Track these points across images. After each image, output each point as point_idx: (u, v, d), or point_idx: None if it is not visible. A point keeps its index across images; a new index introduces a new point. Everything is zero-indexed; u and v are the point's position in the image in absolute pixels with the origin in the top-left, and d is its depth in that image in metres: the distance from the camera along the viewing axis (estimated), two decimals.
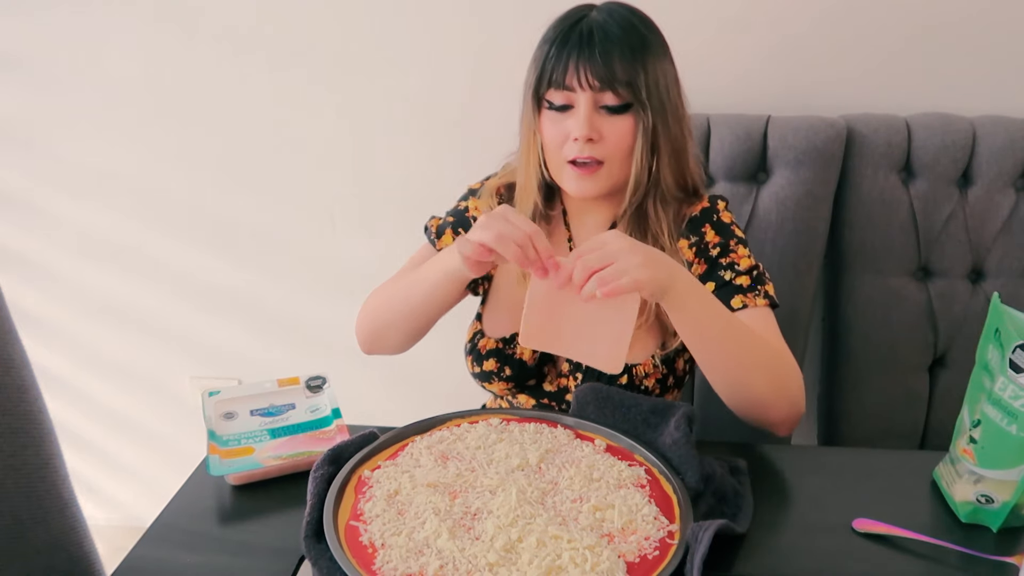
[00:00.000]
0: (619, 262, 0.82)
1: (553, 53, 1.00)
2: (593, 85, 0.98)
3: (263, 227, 1.71)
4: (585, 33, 0.99)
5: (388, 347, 1.14)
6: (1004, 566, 0.78)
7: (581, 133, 0.99)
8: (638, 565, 0.71)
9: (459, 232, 1.16)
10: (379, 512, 0.77)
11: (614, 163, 1.02)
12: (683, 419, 0.88)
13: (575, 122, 1.00)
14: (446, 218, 1.19)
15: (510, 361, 1.10)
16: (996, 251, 1.42)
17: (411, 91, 1.56)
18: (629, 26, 1.00)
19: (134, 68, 1.60)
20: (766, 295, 1.04)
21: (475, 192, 1.19)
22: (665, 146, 1.03)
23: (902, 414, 1.47)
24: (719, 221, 1.09)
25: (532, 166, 1.08)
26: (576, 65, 0.98)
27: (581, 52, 0.98)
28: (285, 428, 0.97)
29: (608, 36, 0.98)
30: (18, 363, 0.79)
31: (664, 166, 1.04)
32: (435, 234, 1.18)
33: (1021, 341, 0.78)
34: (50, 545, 0.81)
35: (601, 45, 0.98)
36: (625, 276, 0.82)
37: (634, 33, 1.00)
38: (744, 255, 1.07)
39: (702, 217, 1.09)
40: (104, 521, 2.02)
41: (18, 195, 1.73)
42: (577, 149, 1.00)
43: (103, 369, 1.89)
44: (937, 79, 1.46)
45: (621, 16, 1.01)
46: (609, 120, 1.00)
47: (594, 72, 0.97)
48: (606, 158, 1.01)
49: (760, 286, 1.04)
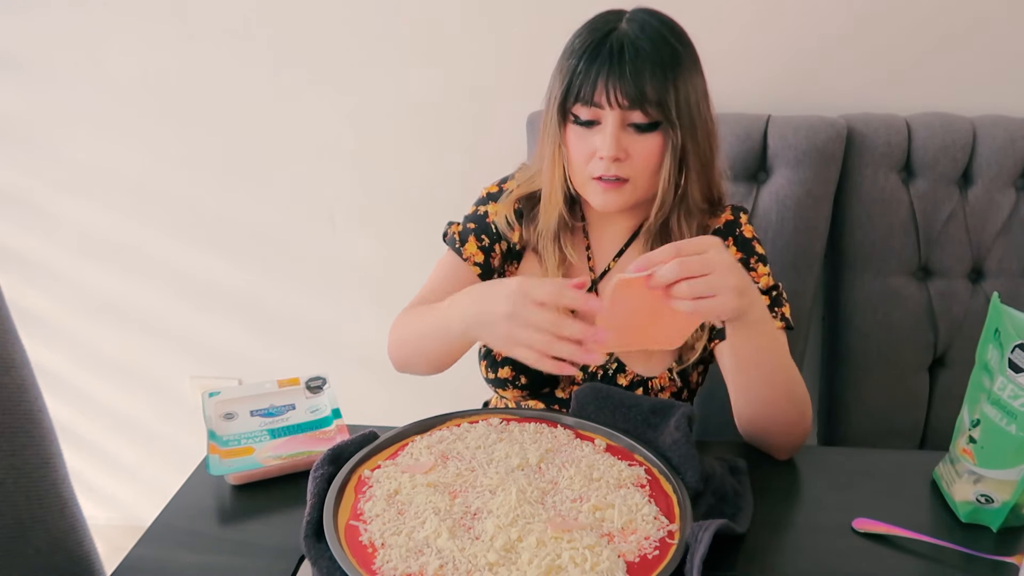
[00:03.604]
0: (714, 276, 0.77)
1: (582, 68, 0.96)
2: (622, 104, 0.95)
3: (263, 227, 1.71)
4: (616, 49, 0.95)
5: (419, 373, 1.10)
6: (1004, 566, 0.78)
7: (608, 153, 0.96)
8: (638, 565, 0.71)
9: (482, 239, 1.12)
10: (379, 512, 0.77)
11: (640, 180, 1.00)
12: (683, 419, 0.88)
13: (602, 140, 0.97)
14: (466, 224, 1.14)
15: (526, 370, 1.09)
16: (996, 251, 1.42)
17: (412, 90, 1.56)
18: (661, 41, 0.96)
19: (134, 67, 1.60)
20: (783, 318, 1.03)
21: (493, 196, 1.15)
22: (694, 163, 1.00)
23: (902, 414, 1.47)
24: (741, 236, 1.07)
25: (557, 179, 1.05)
26: (606, 82, 0.94)
27: (612, 69, 0.94)
28: (285, 428, 0.97)
29: (639, 53, 0.94)
30: (18, 363, 0.79)
31: (692, 182, 1.01)
32: (459, 242, 1.13)
33: (1020, 341, 0.78)
34: (50, 545, 0.81)
35: (632, 64, 0.94)
36: (717, 297, 0.78)
37: (666, 49, 0.96)
38: (764, 274, 1.05)
39: (725, 230, 1.07)
40: (104, 521, 2.02)
41: (18, 195, 1.73)
42: (603, 167, 0.97)
43: (103, 369, 1.89)
44: (937, 79, 1.46)
45: (653, 29, 0.97)
46: (637, 138, 0.97)
47: (624, 91, 0.94)
48: (632, 176, 0.99)
49: (778, 308, 1.03)
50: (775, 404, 0.94)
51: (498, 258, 1.12)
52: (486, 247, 1.12)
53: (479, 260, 1.11)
